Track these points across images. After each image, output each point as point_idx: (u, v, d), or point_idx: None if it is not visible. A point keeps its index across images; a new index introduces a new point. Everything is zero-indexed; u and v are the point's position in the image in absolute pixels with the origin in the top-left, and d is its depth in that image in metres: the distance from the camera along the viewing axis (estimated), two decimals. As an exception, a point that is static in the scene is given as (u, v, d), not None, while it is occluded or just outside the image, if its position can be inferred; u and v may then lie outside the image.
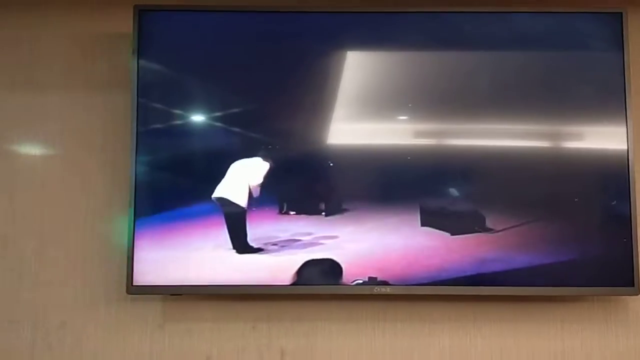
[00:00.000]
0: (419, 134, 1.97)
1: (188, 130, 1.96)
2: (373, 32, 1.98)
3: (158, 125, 1.96)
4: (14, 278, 2.01)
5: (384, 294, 1.90)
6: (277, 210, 1.94)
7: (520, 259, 1.89)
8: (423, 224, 1.91)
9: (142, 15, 1.96)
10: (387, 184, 1.95)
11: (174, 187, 1.94)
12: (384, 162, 1.95)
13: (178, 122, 1.96)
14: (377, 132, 1.97)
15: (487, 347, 1.99)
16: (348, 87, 1.98)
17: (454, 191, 1.96)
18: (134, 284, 1.90)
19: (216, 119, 1.96)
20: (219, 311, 2.00)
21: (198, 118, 1.96)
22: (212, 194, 1.92)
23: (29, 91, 2.08)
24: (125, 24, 1.99)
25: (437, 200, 1.94)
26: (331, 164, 1.95)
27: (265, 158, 1.95)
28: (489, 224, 1.91)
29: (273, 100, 1.97)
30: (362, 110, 1.98)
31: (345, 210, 1.93)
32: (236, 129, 1.95)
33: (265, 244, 1.91)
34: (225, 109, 1.96)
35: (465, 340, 1.99)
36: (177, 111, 1.96)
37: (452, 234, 1.91)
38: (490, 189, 1.95)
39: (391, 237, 1.91)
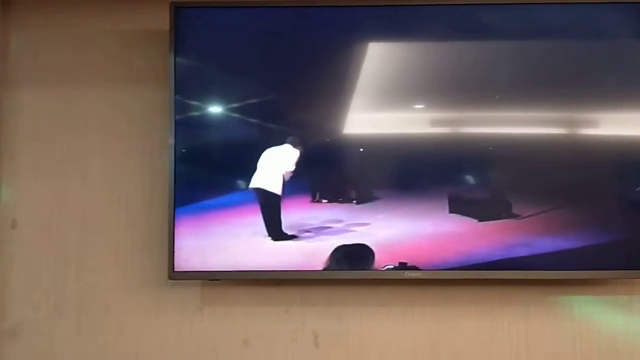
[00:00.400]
0: (447, 123, 2.02)
1: (223, 122, 2.03)
2: (398, 25, 2.04)
3: (194, 118, 2.03)
4: (59, 265, 2.10)
5: (414, 279, 1.96)
6: (310, 199, 2.01)
7: (546, 244, 1.94)
8: (451, 211, 1.96)
9: (178, 11, 2.03)
10: (416, 172, 2.01)
11: (210, 177, 2.01)
12: (413, 151, 2.01)
13: (214, 114, 2.03)
14: (406, 122, 2.02)
15: (514, 330, 2.04)
16: (377, 78, 2.03)
17: (469, 178, 2.02)
18: (175, 269, 1.98)
19: (250, 110, 2.02)
20: (254, 296, 2.08)
21: (232, 110, 2.03)
22: (247, 182, 1.99)
23: (71, 86, 2.16)
24: (162, 21, 2.06)
25: (465, 188, 2.00)
26: (361, 150, 2.01)
27: (294, 145, 2.02)
28: (515, 210, 1.96)
29: (303, 92, 2.04)
30: (391, 100, 2.03)
31: (375, 198, 1.99)
32: (268, 120, 2.02)
33: (299, 231, 1.98)
34: (258, 101, 2.03)
35: (492, 323, 2.04)
36: (213, 104, 2.03)
37: (480, 220, 1.96)
38: (516, 177, 2.00)
39: (421, 224, 1.96)
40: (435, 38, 2.03)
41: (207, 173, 2.02)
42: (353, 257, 1.97)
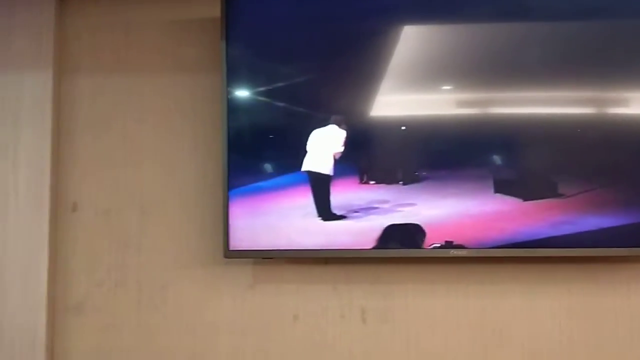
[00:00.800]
0: (492, 104, 2.05)
1: (273, 106, 2.09)
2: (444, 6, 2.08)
3: (246, 103, 2.10)
4: (120, 246, 2.20)
5: (459, 257, 2.01)
6: (358, 180, 2.07)
7: (590, 222, 1.97)
8: (496, 191, 2.00)
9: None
10: (461, 153, 2.04)
11: (262, 160, 2.08)
12: (457, 132, 2.04)
13: (264, 99, 2.10)
14: (451, 102, 2.06)
15: (557, 307, 2.07)
16: (421, 59, 2.07)
17: (514, 158, 2.04)
18: (230, 249, 2.06)
19: (299, 94, 2.09)
20: (304, 273, 2.15)
21: (282, 94, 2.09)
22: (298, 164, 2.06)
23: (126, 73, 2.24)
24: (213, 9, 2.12)
25: (510, 168, 2.04)
26: (403, 128, 2.06)
27: (339, 125, 2.07)
28: (560, 189, 1.99)
29: (349, 75, 2.08)
30: (435, 81, 2.07)
31: (421, 179, 2.04)
32: (317, 103, 2.08)
33: (348, 211, 2.05)
34: (307, 85, 2.09)
35: (535, 301, 2.08)
36: (263, 89, 2.10)
37: (524, 200, 2.00)
38: (560, 157, 2.02)
39: (466, 203, 2.01)
40: (481, 19, 2.06)
41: (259, 156, 2.09)
42: (405, 236, 2.03)
